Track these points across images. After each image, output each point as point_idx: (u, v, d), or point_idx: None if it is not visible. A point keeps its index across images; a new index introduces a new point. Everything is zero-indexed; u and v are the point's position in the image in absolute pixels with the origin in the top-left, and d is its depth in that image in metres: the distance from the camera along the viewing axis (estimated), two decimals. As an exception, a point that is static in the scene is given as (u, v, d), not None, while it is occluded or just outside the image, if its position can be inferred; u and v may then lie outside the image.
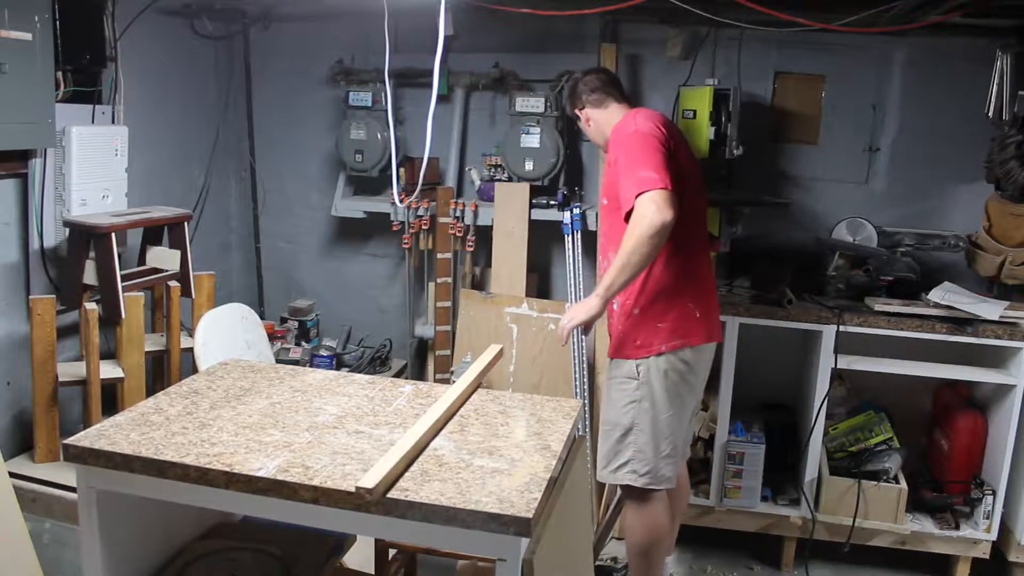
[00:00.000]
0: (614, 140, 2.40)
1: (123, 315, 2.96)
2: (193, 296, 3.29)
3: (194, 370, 2.68)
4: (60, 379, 2.98)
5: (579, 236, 3.61)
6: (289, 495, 1.55)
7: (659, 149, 2.26)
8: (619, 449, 2.45)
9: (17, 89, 2.76)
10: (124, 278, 2.99)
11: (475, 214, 3.77)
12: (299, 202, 4.27)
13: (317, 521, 1.64)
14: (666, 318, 2.39)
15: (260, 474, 1.57)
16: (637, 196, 2.18)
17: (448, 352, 3.85)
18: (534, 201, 3.70)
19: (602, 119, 2.58)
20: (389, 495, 1.51)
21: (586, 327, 2.38)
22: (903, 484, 3.02)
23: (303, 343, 4.02)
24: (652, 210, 2.14)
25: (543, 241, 3.86)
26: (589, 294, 2.38)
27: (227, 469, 1.58)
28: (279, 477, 1.56)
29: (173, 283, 3.22)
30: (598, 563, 2.90)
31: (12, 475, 2.53)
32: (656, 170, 2.19)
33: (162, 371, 3.35)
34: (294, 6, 3.87)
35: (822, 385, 2.99)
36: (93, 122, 3.22)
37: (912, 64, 3.50)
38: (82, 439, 1.69)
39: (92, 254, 2.96)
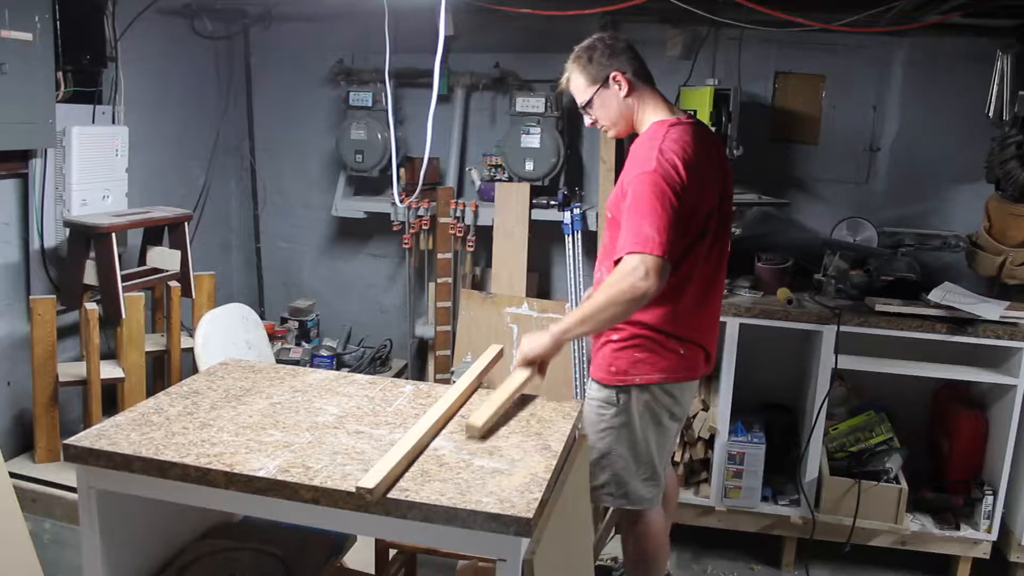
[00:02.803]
0: (631, 165, 2.16)
1: (123, 315, 2.96)
2: (193, 296, 3.30)
3: (194, 370, 2.68)
4: (60, 379, 2.98)
5: (579, 236, 3.61)
6: (289, 495, 1.55)
7: (672, 203, 2.04)
8: (594, 471, 2.32)
9: (17, 89, 2.76)
10: (124, 278, 2.99)
11: (475, 214, 3.77)
12: (299, 202, 4.27)
13: (317, 521, 1.63)
14: (645, 352, 2.23)
15: (260, 474, 1.57)
16: (635, 252, 2.01)
17: (448, 352, 3.85)
18: (534, 201, 3.70)
19: (637, 97, 2.25)
20: (389, 495, 1.51)
21: (540, 366, 2.14)
22: (903, 484, 3.02)
23: (303, 343, 4.02)
24: (640, 274, 1.98)
25: (543, 241, 3.86)
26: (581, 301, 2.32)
27: (227, 469, 1.58)
28: (279, 477, 1.56)
29: (173, 283, 3.22)
30: (598, 563, 2.90)
31: (12, 475, 2.53)
32: (659, 231, 2.00)
33: (162, 371, 3.35)
34: (294, 6, 3.87)
35: (822, 385, 2.99)
36: (93, 122, 3.22)
37: (912, 64, 3.50)
38: (82, 439, 1.69)
39: (92, 254, 2.97)
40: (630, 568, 2.51)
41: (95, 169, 3.14)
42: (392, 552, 2.38)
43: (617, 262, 2.07)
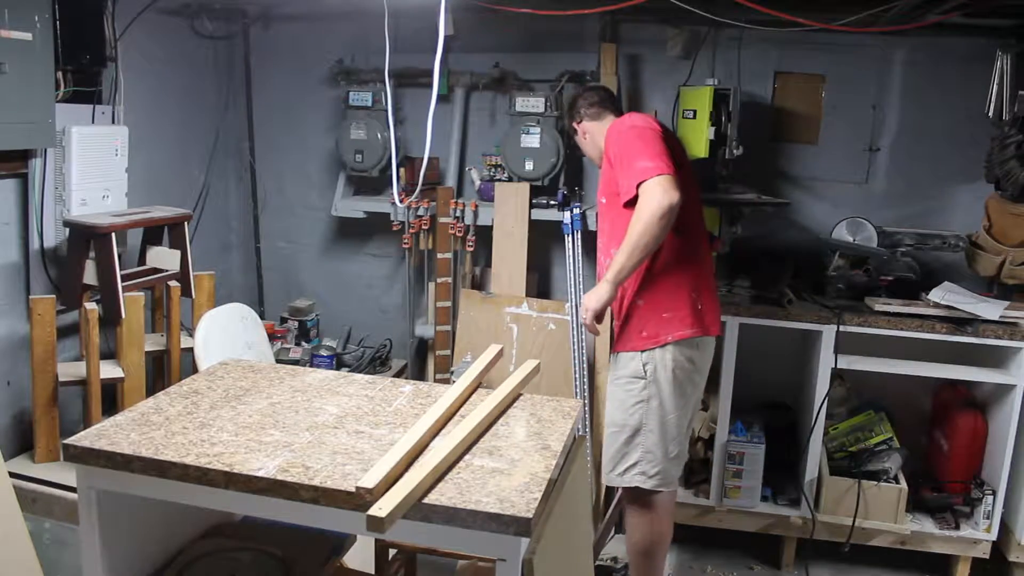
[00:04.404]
0: (610, 138, 2.42)
1: (123, 315, 2.96)
2: (193, 296, 3.29)
3: (194, 370, 2.68)
4: (60, 379, 2.97)
5: (579, 236, 3.61)
6: (289, 495, 1.55)
7: (656, 139, 2.31)
8: (627, 451, 2.44)
9: (17, 89, 2.76)
10: (124, 278, 2.99)
11: (475, 214, 3.77)
12: (299, 202, 4.27)
13: (317, 521, 1.64)
14: (671, 308, 2.41)
15: (260, 474, 1.57)
16: (639, 184, 2.23)
17: (448, 352, 3.85)
18: (534, 201, 3.70)
19: (598, 132, 2.63)
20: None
21: (599, 315, 2.40)
22: (903, 484, 3.02)
23: (303, 343, 4.02)
24: (659, 192, 2.19)
25: (543, 241, 3.86)
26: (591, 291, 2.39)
27: (227, 469, 1.58)
28: (279, 477, 1.56)
29: (173, 283, 3.22)
30: (598, 563, 2.90)
31: (12, 475, 2.52)
32: (655, 159, 2.24)
33: (162, 371, 3.35)
34: (294, 6, 3.87)
35: (822, 385, 2.99)
36: (93, 122, 3.22)
37: (912, 64, 3.50)
38: (82, 439, 1.69)
39: (92, 254, 2.96)
40: (633, 556, 2.53)
41: (95, 169, 3.14)
42: (392, 552, 2.38)
43: (628, 204, 2.29)
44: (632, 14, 3.37)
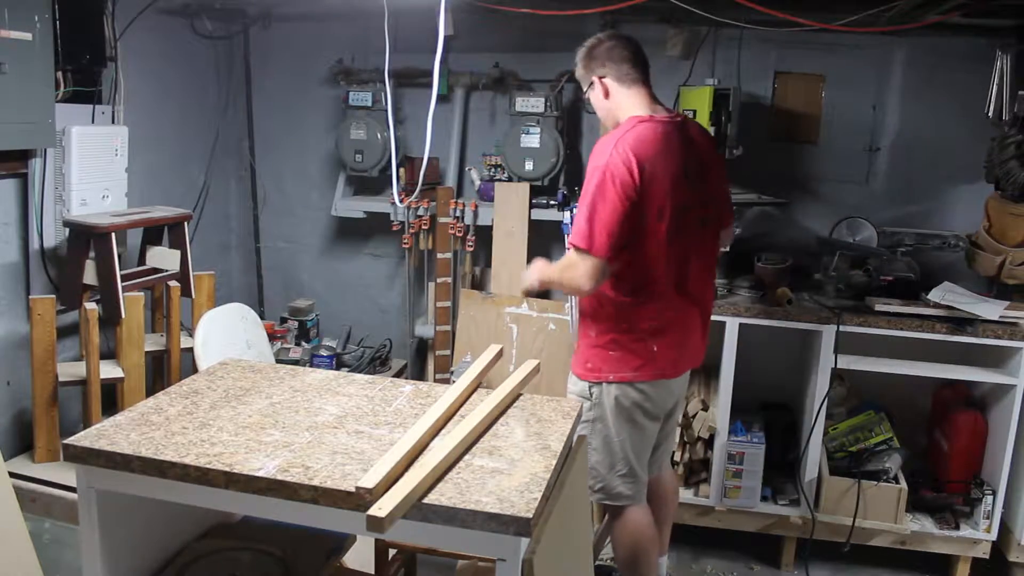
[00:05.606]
0: (591, 160, 2.23)
1: (123, 315, 2.96)
2: (193, 296, 3.30)
3: (194, 370, 2.68)
4: (60, 379, 2.98)
5: (579, 236, 3.61)
6: (289, 495, 1.55)
7: (616, 208, 2.10)
8: None
9: (17, 89, 2.76)
10: (124, 278, 2.99)
11: (475, 214, 3.77)
12: (299, 202, 4.27)
13: (317, 521, 1.64)
14: (618, 350, 2.29)
15: (260, 474, 1.57)
16: (575, 247, 2.14)
17: (448, 352, 3.85)
18: (534, 201, 3.70)
19: (615, 101, 2.31)
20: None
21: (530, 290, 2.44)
22: (903, 484, 3.02)
23: (303, 343, 4.02)
24: (577, 274, 2.16)
25: (543, 241, 3.86)
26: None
27: (227, 469, 1.58)
28: (279, 477, 1.56)
29: (173, 283, 3.22)
30: (598, 563, 2.90)
31: (12, 475, 2.52)
32: (600, 233, 2.10)
33: (162, 371, 3.35)
34: (294, 6, 3.87)
35: (822, 385, 2.99)
36: (93, 122, 3.22)
37: (912, 64, 3.50)
38: (82, 439, 1.69)
39: (92, 254, 2.97)
40: (619, 563, 2.53)
41: (95, 169, 3.14)
42: (392, 552, 2.38)
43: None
44: (632, 14, 3.37)
